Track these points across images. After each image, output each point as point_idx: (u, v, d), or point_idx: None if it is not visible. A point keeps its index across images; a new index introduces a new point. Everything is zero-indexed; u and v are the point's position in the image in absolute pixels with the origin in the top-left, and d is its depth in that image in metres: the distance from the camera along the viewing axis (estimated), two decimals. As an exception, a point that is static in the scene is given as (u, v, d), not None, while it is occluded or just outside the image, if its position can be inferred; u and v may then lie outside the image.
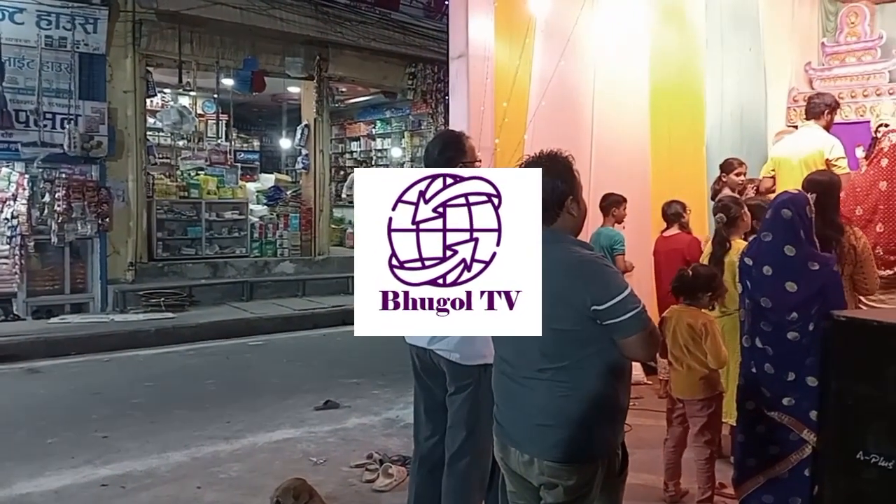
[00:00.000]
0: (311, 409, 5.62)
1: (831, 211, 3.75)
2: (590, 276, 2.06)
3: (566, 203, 2.17)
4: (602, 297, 2.02)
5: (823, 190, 3.69)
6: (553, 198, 2.14)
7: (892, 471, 2.72)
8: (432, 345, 3.07)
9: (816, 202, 3.60)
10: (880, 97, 6.86)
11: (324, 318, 9.48)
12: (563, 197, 2.16)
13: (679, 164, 6.45)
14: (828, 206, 3.69)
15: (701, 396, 3.65)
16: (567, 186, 2.17)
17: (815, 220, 3.51)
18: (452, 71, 5.33)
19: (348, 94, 15.47)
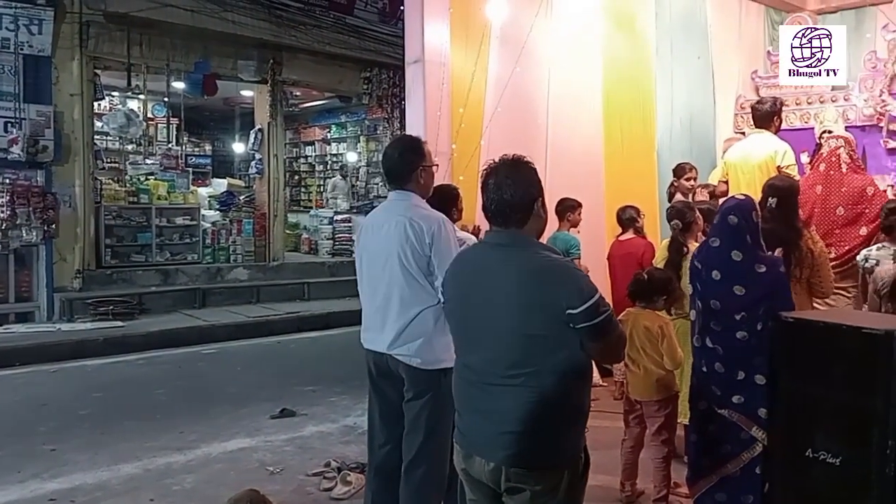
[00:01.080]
0: (267, 418, 5.54)
1: (791, 215, 3.88)
2: (563, 281, 2.07)
3: (535, 206, 2.17)
4: (576, 300, 2.03)
5: (784, 194, 3.82)
6: (523, 201, 2.15)
7: (839, 467, 2.82)
8: (392, 349, 3.06)
9: (777, 206, 3.72)
10: (823, 104, 7.09)
11: (279, 325, 9.36)
12: (533, 200, 2.16)
13: (631, 168, 6.57)
14: (788, 210, 3.82)
15: (657, 397, 3.72)
16: (535, 190, 2.18)
17: (778, 223, 3.61)
18: (408, 76, 5.33)
19: (303, 98, 15.33)
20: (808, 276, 3.88)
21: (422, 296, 3.01)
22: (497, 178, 2.17)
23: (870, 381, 2.73)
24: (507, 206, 2.15)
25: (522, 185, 2.15)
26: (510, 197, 2.14)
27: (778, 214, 3.77)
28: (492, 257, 2.21)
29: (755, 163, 5.45)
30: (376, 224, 3.17)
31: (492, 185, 2.18)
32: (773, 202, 3.79)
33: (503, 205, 2.16)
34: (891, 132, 6.54)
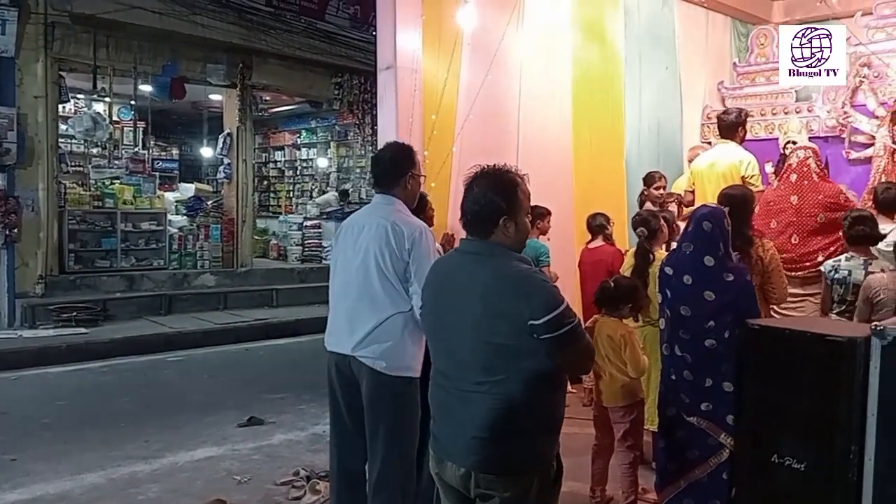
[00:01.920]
0: (235, 426, 5.47)
1: (743, 224, 3.94)
2: (527, 291, 2.07)
3: (500, 222, 2.15)
4: (539, 311, 2.03)
5: (736, 203, 3.89)
6: (488, 214, 2.16)
7: (804, 472, 2.87)
8: (357, 350, 3.04)
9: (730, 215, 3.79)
10: (788, 115, 7.24)
11: (246, 332, 9.24)
12: (498, 214, 2.15)
13: (601, 176, 6.63)
14: (740, 219, 3.89)
15: (622, 403, 3.76)
16: (505, 205, 2.16)
17: None
18: (380, 82, 5.32)
19: (272, 102, 15.23)
20: (761, 284, 3.95)
21: (395, 300, 3.00)
22: (472, 187, 2.20)
23: (833, 388, 2.79)
24: (473, 216, 2.18)
25: (490, 199, 2.15)
26: (477, 208, 2.17)
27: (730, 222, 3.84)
28: (463, 265, 2.22)
29: (720, 172, 5.54)
30: (356, 225, 3.17)
31: (469, 192, 2.20)
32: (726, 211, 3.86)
33: (470, 214, 2.19)
34: (853, 143, 6.70)
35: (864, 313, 3.78)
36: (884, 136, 6.31)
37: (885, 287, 3.70)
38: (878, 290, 3.72)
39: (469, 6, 5.32)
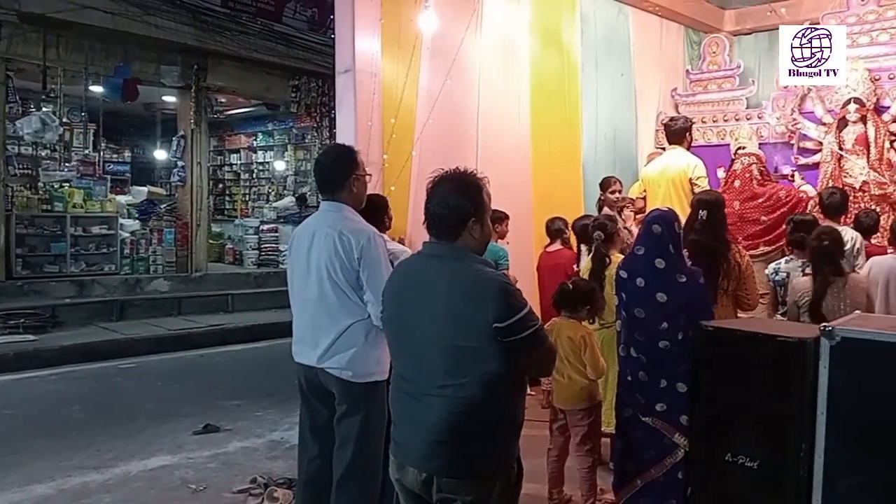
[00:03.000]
0: (190, 434, 5.37)
1: (719, 227, 4.05)
2: (491, 295, 2.08)
3: (468, 223, 2.17)
4: (503, 314, 2.04)
5: (711, 207, 4.00)
6: (455, 216, 2.16)
7: (757, 471, 2.94)
8: (322, 362, 3.02)
9: (707, 219, 3.89)
10: (738, 122, 7.43)
11: (202, 338, 9.07)
12: (466, 217, 2.16)
13: (559, 181, 6.71)
14: (716, 222, 4.00)
15: (581, 406, 3.80)
16: (472, 206, 2.18)
17: (705, 235, 3.76)
18: (339, 85, 5.30)
19: (228, 104, 15.02)
20: (735, 289, 4.02)
21: (351, 309, 2.98)
22: (437, 190, 2.20)
23: (785, 388, 2.86)
24: (439, 218, 2.18)
25: (456, 201, 2.16)
26: (442, 210, 2.17)
27: (707, 226, 3.93)
28: (426, 268, 2.23)
29: (670, 176, 5.67)
30: (307, 234, 3.13)
31: (431, 196, 2.20)
32: (704, 215, 3.95)
33: (435, 217, 2.18)
34: (801, 149, 6.91)
35: (794, 314, 3.90)
36: (831, 142, 6.52)
37: (806, 290, 3.83)
38: (803, 294, 3.84)
39: (428, 11, 5.33)
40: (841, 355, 2.71)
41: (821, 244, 3.85)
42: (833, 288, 3.77)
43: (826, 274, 3.78)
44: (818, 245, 3.86)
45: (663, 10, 7.73)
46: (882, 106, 6.42)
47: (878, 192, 6.17)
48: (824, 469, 2.76)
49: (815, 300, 3.75)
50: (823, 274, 3.79)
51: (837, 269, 3.83)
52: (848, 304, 3.69)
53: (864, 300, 3.77)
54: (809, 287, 3.86)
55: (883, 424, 2.66)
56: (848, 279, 3.82)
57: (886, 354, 2.65)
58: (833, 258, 3.84)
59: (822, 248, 3.84)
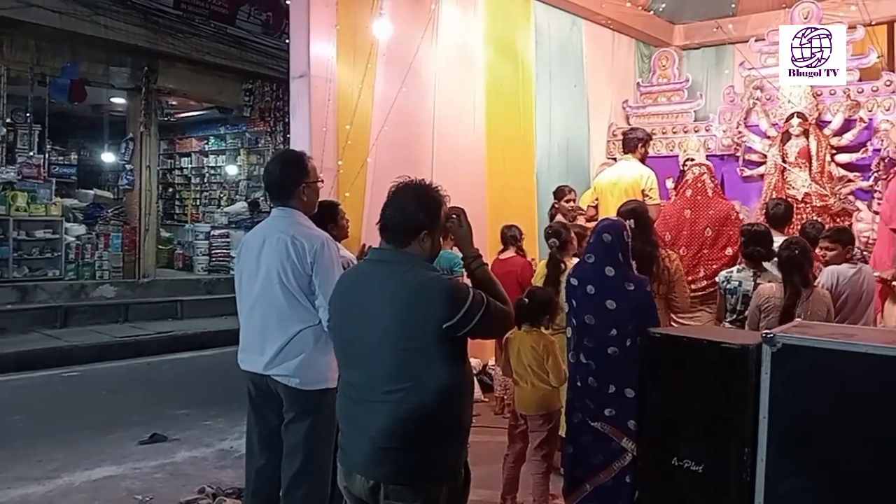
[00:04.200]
0: (136, 444, 5.24)
1: (647, 232, 4.23)
2: (436, 295, 2.09)
3: (420, 235, 2.19)
4: (451, 313, 2.07)
5: (638, 215, 4.16)
6: (409, 225, 2.18)
7: (702, 475, 3.00)
8: (269, 369, 2.99)
9: (636, 226, 4.00)
10: (687, 134, 7.63)
11: (149, 346, 8.87)
12: (419, 228, 2.19)
13: (512, 189, 6.78)
14: (644, 228, 4.16)
15: (543, 412, 3.83)
16: (427, 219, 2.20)
17: (637, 241, 3.85)
18: (293, 90, 5.26)
19: (179, 107, 14.77)
20: (666, 293, 4.20)
21: (302, 315, 2.95)
22: (397, 195, 2.22)
23: (728, 393, 2.94)
24: (394, 223, 2.20)
25: (414, 210, 2.18)
26: (398, 216, 2.19)
27: (637, 234, 4.05)
28: (372, 273, 2.24)
29: (623, 186, 5.79)
30: (256, 240, 3.09)
31: (390, 200, 2.22)
32: (632, 223, 4.07)
33: (391, 221, 2.20)
34: (746, 161, 7.12)
35: (754, 320, 4.02)
36: (774, 154, 6.73)
37: (773, 296, 3.95)
38: (768, 299, 3.96)
39: (384, 18, 5.35)
40: (782, 361, 2.80)
41: (791, 253, 3.97)
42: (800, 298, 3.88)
43: (796, 283, 3.89)
44: (789, 254, 3.97)
45: (615, 24, 7.89)
46: (823, 120, 6.65)
47: (819, 204, 6.40)
48: (766, 472, 2.84)
49: (786, 308, 3.85)
50: (794, 283, 3.90)
51: (805, 279, 3.95)
52: (809, 315, 3.79)
53: (824, 313, 3.89)
54: (773, 294, 3.95)
55: (820, 429, 2.75)
56: (813, 291, 3.94)
57: (824, 361, 2.74)
58: (802, 267, 3.96)
59: (792, 258, 3.95)
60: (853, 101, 6.48)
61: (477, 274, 2.33)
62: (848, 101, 6.48)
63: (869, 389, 2.66)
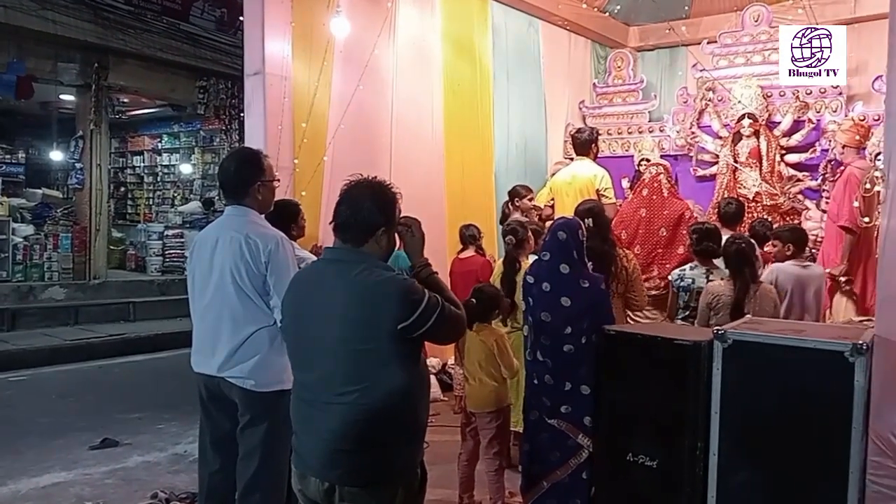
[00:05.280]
0: (86, 449, 5.11)
1: (605, 230, 4.29)
2: (391, 296, 2.08)
3: (377, 232, 2.19)
4: (406, 313, 2.06)
5: (595, 214, 4.23)
6: (366, 223, 2.17)
7: (656, 470, 3.05)
8: (223, 371, 2.93)
9: (593, 225, 4.05)
10: (642, 134, 7.74)
11: (100, 349, 8.67)
12: (376, 226, 2.18)
13: (471, 189, 6.79)
14: (602, 227, 4.23)
15: (491, 409, 3.85)
16: (383, 217, 2.20)
17: (594, 240, 3.90)
18: (248, 88, 5.19)
19: (131, 105, 14.45)
20: (624, 291, 4.26)
21: (256, 315, 2.91)
22: (351, 194, 2.20)
23: (681, 389, 2.99)
24: (350, 222, 2.18)
25: (370, 208, 2.18)
26: (354, 214, 2.17)
27: (595, 232, 4.11)
28: (326, 273, 2.22)
29: (578, 186, 5.86)
30: (209, 240, 3.03)
31: (345, 199, 2.20)
32: (590, 222, 4.12)
33: (347, 220, 2.18)
34: (699, 161, 7.25)
35: (704, 317, 4.10)
36: (726, 155, 6.87)
37: (723, 293, 4.03)
38: (718, 296, 4.04)
39: (340, 16, 5.30)
40: (733, 357, 2.86)
41: (739, 247, 4.06)
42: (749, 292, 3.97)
43: (746, 276, 3.97)
44: (736, 248, 4.06)
45: (571, 25, 7.96)
46: (773, 121, 6.82)
47: (769, 203, 6.55)
48: (718, 466, 2.90)
49: (736, 302, 3.93)
50: (743, 276, 3.98)
51: (753, 273, 4.04)
52: (757, 311, 3.89)
53: (771, 307, 3.99)
54: (723, 291, 4.03)
55: (770, 423, 2.81)
56: (760, 287, 4.04)
57: (774, 356, 2.81)
58: (750, 261, 4.05)
59: (739, 251, 4.04)
60: (802, 103, 6.65)
61: (427, 282, 2.31)
62: (797, 102, 6.66)
63: (816, 384, 2.73)
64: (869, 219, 5.24)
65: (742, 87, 6.86)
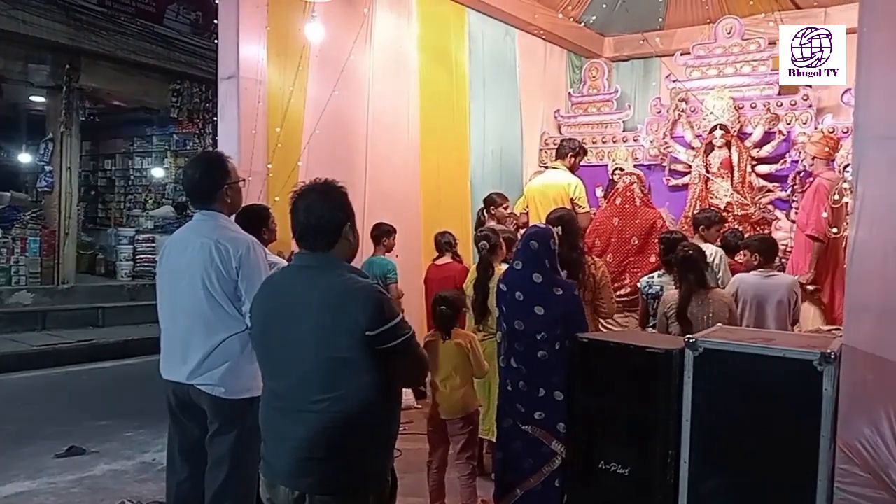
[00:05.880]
0: (52, 457, 5.01)
1: (574, 239, 4.31)
2: (364, 303, 2.07)
3: (344, 229, 2.19)
4: (375, 323, 2.04)
5: (565, 222, 4.26)
6: (332, 224, 2.16)
7: (628, 477, 3.06)
8: (193, 379, 2.89)
9: (563, 233, 4.07)
10: (616, 144, 7.81)
11: (68, 355, 8.52)
12: (341, 224, 2.18)
13: (447, 195, 6.79)
14: (571, 235, 4.26)
15: (462, 415, 3.84)
16: (344, 214, 2.20)
17: (562, 248, 3.92)
18: (222, 92, 5.14)
19: (103, 107, 14.27)
20: (592, 299, 4.28)
21: (227, 322, 2.87)
22: (306, 202, 2.18)
23: (653, 396, 3.01)
24: (314, 229, 2.16)
25: (330, 210, 2.17)
26: (317, 221, 2.16)
27: (564, 240, 4.13)
28: (297, 280, 2.20)
29: (551, 195, 5.90)
30: (179, 245, 2.99)
31: (300, 209, 2.18)
32: (559, 230, 4.14)
33: (310, 228, 2.17)
34: (672, 171, 7.33)
35: (663, 325, 4.15)
36: (699, 165, 6.95)
37: (674, 301, 4.08)
38: (672, 305, 4.09)
39: (316, 21, 5.28)
40: (703, 365, 2.89)
41: (686, 254, 4.12)
42: (698, 298, 4.02)
43: (691, 281, 4.03)
44: (683, 255, 4.13)
45: (547, 34, 8.01)
46: (745, 132, 6.91)
47: (740, 213, 6.63)
48: (689, 474, 2.92)
49: (680, 306, 3.98)
50: (689, 281, 4.04)
51: (701, 279, 4.08)
52: (711, 316, 3.94)
53: (726, 314, 4.03)
54: (675, 299, 4.09)
55: (740, 430, 2.84)
56: (711, 292, 4.09)
57: (744, 364, 2.84)
58: (697, 266, 4.10)
59: (686, 257, 4.11)
60: (773, 115, 6.75)
61: None
62: (768, 114, 6.75)
63: (785, 392, 2.76)
64: (837, 229, 5.33)
65: (714, 98, 6.95)
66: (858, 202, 2.72)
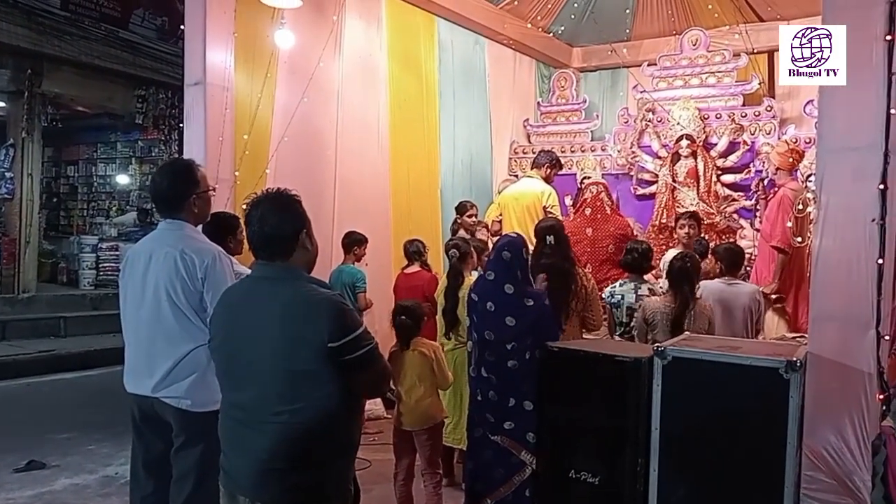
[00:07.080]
0: (11, 472, 4.88)
1: (566, 248, 4.25)
2: (325, 314, 2.05)
3: (300, 237, 2.17)
4: (337, 334, 2.02)
5: (556, 232, 4.21)
6: (287, 233, 2.15)
7: (598, 486, 3.06)
8: (158, 391, 2.82)
9: (554, 243, 4.07)
10: (584, 153, 7.87)
11: (28, 366, 8.31)
12: (297, 232, 2.16)
13: (417, 204, 6.78)
14: (562, 245, 4.20)
15: (427, 426, 3.83)
16: (300, 221, 2.18)
17: (554, 257, 3.91)
18: (188, 98, 5.07)
19: (66, 113, 14.00)
20: (582, 310, 4.21)
21: (193, 333, 2.80)
22: (259, 212, 2.16)
23: (622, 405, 3.02)
24: (270, 238, 2.14)
25: (284, 218, 2.16)
26: (271, 230, 2.14)
27: (557, 250, 4.12)
28: (256, 291, 2.17)
29: (525, 203, 5.91)
30: (143, 255, 2.92)
31: (254, 219, 2.16)
32: (552, 239, 4.14)
33: (266, 238, 2.15)
34: (640, 180, 7.40)
35: (642, 332, 4.17)
36: (665, 174, 7.03)
37: (660, 309, 4.11)
38: (654, 312, 4.11)
39: (285, 28, 5.25)
40: (672, 373, 2.91)
41: (684, 265, 4.14)
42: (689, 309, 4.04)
43: (686, 294, 4.05)
44: (681, 266, 4.14)
45: (516, 44, 8.06)
46: (710, 142, 7.01)
47: (706, 222, 6.71)
48: (658, 482, 2.93)
49: (676, 318, 4.00)
50: (684, 293, 4.06)
51: (693, 291, 4.11)
52: (693, 328, 3.97)
53: (706, 325, 4.07)
54: (659, 307, 4.10)
55: (708, 438, 2.86)
56: (696, 303, 4.12)
57: (712, 372, 2.86)
58: (692, 279, 4.13)
59: (683, 269, 4.12)
60: (737, 125, 6.86)
61: None
62: (732, 124, 6.86)
63: (752, 400, 2.79)
64: (801, 239, 5.41)
65: (680, 108, 7.04)
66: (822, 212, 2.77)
